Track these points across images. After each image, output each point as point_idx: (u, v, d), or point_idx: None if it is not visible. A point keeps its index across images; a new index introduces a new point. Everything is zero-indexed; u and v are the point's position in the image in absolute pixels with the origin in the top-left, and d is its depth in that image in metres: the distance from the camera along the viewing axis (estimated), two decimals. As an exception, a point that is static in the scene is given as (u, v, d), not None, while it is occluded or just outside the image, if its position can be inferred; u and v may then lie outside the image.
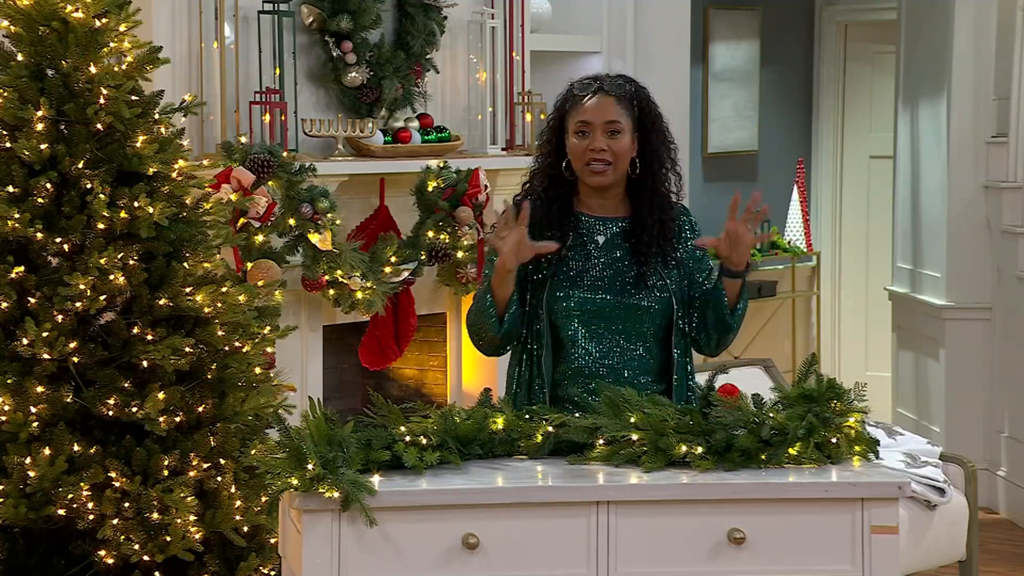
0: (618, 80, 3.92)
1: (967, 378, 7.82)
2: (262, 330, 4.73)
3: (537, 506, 3.34)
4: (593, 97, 3.86)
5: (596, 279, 3.88)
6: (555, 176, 3.94)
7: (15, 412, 4.32)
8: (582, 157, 3.86)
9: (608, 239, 3.92)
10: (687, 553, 3.36)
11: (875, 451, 3.55)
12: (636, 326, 3.87)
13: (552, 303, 3.87)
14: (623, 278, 3.88)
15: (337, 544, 3.28)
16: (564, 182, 3.94)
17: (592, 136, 3.84)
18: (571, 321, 3.87)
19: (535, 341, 3.89)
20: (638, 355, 3.88)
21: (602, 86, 3.88)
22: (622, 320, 3.87)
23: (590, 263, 3.89)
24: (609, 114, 3.85)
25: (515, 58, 6.83)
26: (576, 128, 3.86)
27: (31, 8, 4.43)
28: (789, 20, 9.82)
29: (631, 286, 3.87)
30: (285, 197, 5.69)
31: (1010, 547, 7.14)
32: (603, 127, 3.84)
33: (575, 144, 3.87)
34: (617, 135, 3.85)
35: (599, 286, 3.87)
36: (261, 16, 5.90)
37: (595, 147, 3.84)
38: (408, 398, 6.42)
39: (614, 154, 3.85)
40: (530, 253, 3.79)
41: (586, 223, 3.93)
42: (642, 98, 3.92)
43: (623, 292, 3.87)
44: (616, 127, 3.85)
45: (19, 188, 4.40)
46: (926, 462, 5.94)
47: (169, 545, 4.31)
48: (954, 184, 7.82)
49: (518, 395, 3.89)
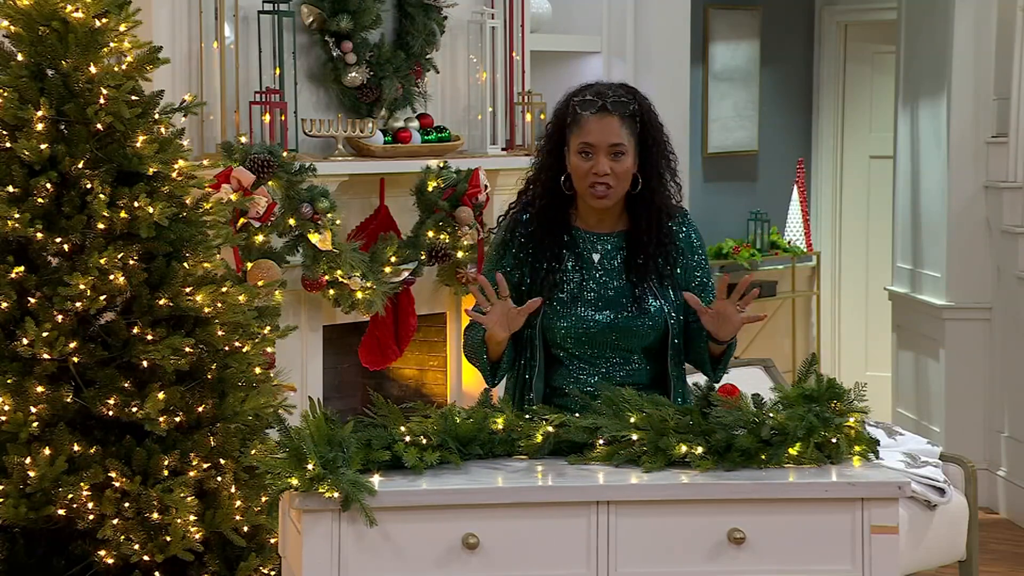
0: (621, 96, 3.81)
1: (967, 378, 7.82)
2: (262, 330, 4.73)
3: (537, 506, 3.34)
4: (596, 116, 3.77)
5: (591, 299, 3.84)
6: (552, 189, 3.88)
7: (15, 412, 4.32)
8: (584, 179, 3.79)
9: (604, 256, 3.88)
10: (687, 553, 3.36)
11: (875, 451, 3.55)
12: (631, 344, 3.84)
13: (547, 325, 3.85)
14: (618, 297, 3.84)
15: (337, 544, 3.28)
16: (561, 195, 3.88)
17: (595, 159, 3.77)
18: (565, 341, 3.85)
19: (528, 360, 3.87)
20: (633, 372, 3.85)
21: (605, 104, 3.78)
22: (617, 339, 3.83)
23: (585, 283, 3.85)
24: (613, 136, 3.77)
25: (515, 58, 6.83)
26: (579, 148, 3.78)
27: (31, 8, 4.43)
28: (789, 20, 9.82)
29: (626, 305, 3.83)
30: (285, 197, 5.69)
31: (1010, 547, 7.14)
32: (607, 150, 3.77)
33: (577, 165, 3.80)
34: (621, 156, 3.78)
35: (594, 306, 3.84)
36: (261, 16, 5.90)
37: (599, 171, 3.77)
38: (408, 398, 6.43)
39: (617, 177, 3.78)
40: (521, 321, 3.75)
41: (582, 238, 3.89)
42: (644, 112, 3.83)
43: (618, 311, 3.83)
44: (620, 149, 3.77)
45: (19, 188, 4.40)
46: (926, 462, 5.94)
47: (169, 545, 4.31)
48: (954, 184, 7.82)
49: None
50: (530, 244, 3.85)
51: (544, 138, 3.93)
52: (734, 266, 9.18)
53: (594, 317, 3.83)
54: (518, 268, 3.89)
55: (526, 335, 3.85)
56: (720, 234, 9.30)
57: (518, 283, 3.88)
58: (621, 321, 3.83)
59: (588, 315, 3.83)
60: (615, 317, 3.83)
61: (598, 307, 3.84)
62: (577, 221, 3.90)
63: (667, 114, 3.98)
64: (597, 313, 3.83)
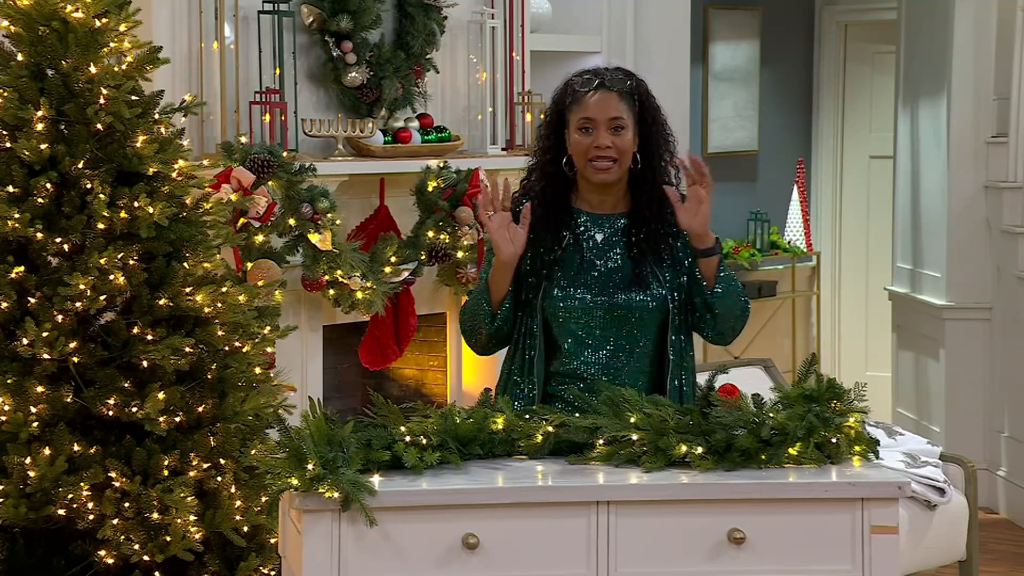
0: (618, 74, 3.90)
1: (967, 378, 7.82)
2: (262, 330, 4.73)
3: (537, 506, 3.34)
4: (595, 93, 3.84)
5: (593, 279, 3.86)
6: (553, 173, 3.92)
7: (15, 412, 4.32)
8: (586, 154, 3.84)
9: (606, 236, 3.90)
10: (687, 553, 3.36)
11: (875, 451, 3.55)
12: (632, 325, 3.86)
13: (548, 304, 3.87)
14: (620, 277, 3.87)
15: (337, 544, 3.28)
16: (563, 179, 3.92)
17: (596, 133, 3.82)
18: (567, 322, 3.86)
19: (528, 341, 3.88)
20: (636, 353, 3.86)
21: (603, 81, 3.85)
22: (618, 320, 3.85)
23: (587, 263, 3.88)
24: (612, 110, 3.83)
25: (515, 58, 6.83)
26: (579, 125, 3.84)
27: (31, 8, 4.43)
28: (789, 20, 9.82)
29: (628, 286, 3.86)
30: (285, 197, 5.69)
31: (1010, 547, 7.14)
32: (607, 123, 3.82)
33: (578, 141, 3.85)
34: (621, 131, 3.83)
35: (595, 287, 3.86)
36: (261, 16, 5.90)
37: (600, 144, 3.82)
38: (408, 398, 6.43)
39: (618, 150, 3.83)
40: (522, 239, 3.80)
41: (585, 221, 3.92)
42: (642, 92, 3.90)
43: (619, 292, 3.85)
44: (620, 123, 3.83)
45: (19, 188, 4.40)
46: (926, 462, 5.94)
47: (169, 545, 4.31)
48: (954, 184, 7.82)
49: (512, 393, 3.87)
50: (531, 230, 3.86)
51: (543, 125, 3.97)
52: (734, 266, 9.18)
53: (595, 297, 3.85)
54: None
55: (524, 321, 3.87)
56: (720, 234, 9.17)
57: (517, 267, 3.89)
58: (622, 299, 3.84)
59: (589, 296, 3.85)
60: (616, 297, 3.85)
61: (599, 287, 3.86)
62: (579, 203, 3.94)
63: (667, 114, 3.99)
64: (599, 293, 3.85)
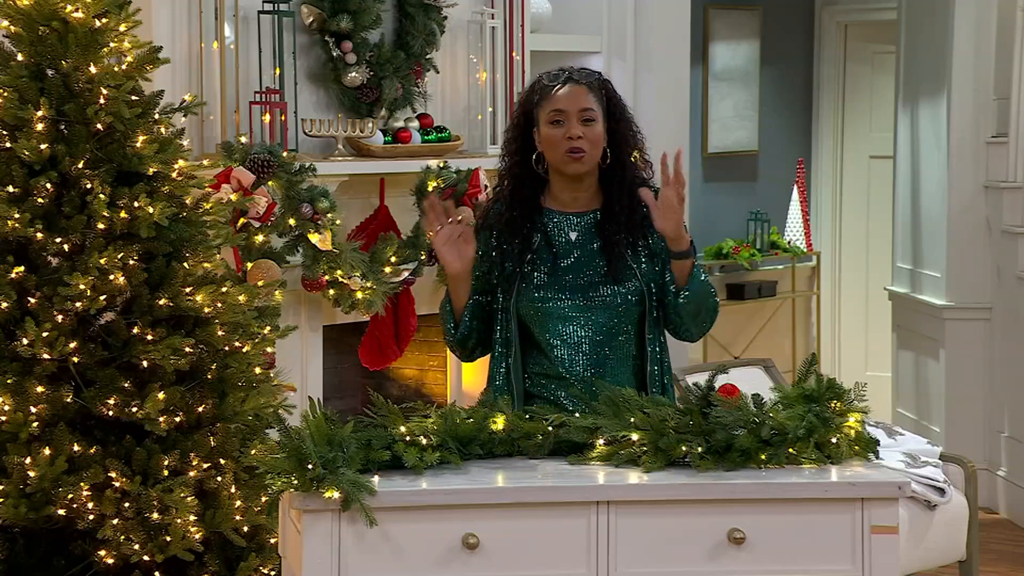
0: (584, 70, 3.93)
1: (967, 378, 7.82)
2: (262, 330, 4.73)
3: (537, 506, 3.34)
4: (564, 86, 3.87)
5: (566, 279, 3.87)
6: (521, 175, 3.93)
7: (15, 412, 4.32)
8: (559, 146, 3.85)
9: (580, 234, 3.90)
10: (687, 553, 3.36)
11: (875, 451, 3.55)
12: (609, 322, 3.86)
13: (523, 307, 3.87)
14: (594, 275, 3.87)
15: (337, 544, 3.28)
16: (532, 181, 3.93)
17: (567, 124, 3.84)
18: (544, 323, 3.86)
19: (505, 345, 3.89)
20: (613, 348, 3.86)
21: (571, 76, 3.89)
22: (594, 317, 3.85)
23: (560, 262, 3.88)
24: (583, 102, 3.85)
25: (515, 58, 6.83)
26: (550, 118, 3.85)
27: (31, 8, 4.43)
28: (789, 20, 9.83)
29: (602, 282, 3.86)
30: (285, 197, 5.69)
31: (1010, 547, 7.14)
32: (578, 115, 3.84)
33: (550, 134, 3.86)
34: (591, 123, 3.85)
35: (569, 286, 3.86)
36: (261, 16, 5.90)
37: (572, 134, 3.83)
38: (408, 398, 6.43)
39: (589, 141, 3.85)
40: (469, 249, 3.82)
41: (557, 220, 3.92)
42: (609, 88, 3.94)
43: (594, 289, 3.85)
44: (590, 115, 3.85)
45: (19, 188, 4.40)
46: (926, 462, 5.94)
47: (169, 545, 4.31)
48: (954, 184, 7.82)
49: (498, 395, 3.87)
50: (501, 235, 3.89)
51: (509, 128, 4.00)
52: (734, 266, 9.19)
53: (569, 296, 3.85)
54: (487, 258, 3.92)
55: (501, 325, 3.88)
56: (720, 234, 9.29)
57: (487, 272, 3.91)
58: (597, 297, 3.85)
59: (564, 295, 3.85)
60: (591, 294, 3.85)
61: (574, 285, 3.86)
62: (549, 203, 3.94)
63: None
64: (574, 292, 3.85)
